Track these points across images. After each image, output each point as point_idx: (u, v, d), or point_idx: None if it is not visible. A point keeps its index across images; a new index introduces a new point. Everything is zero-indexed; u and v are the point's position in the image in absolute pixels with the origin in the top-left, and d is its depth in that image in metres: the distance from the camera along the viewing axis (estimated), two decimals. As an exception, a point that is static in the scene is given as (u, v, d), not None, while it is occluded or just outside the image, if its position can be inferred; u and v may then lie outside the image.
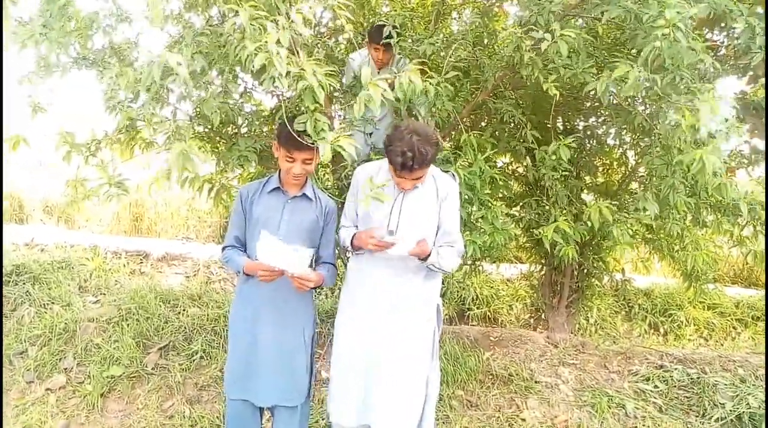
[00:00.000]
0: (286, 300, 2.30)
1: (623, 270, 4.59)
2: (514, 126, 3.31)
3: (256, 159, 2.94)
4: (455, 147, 3.12)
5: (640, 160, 3.55)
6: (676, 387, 3.55)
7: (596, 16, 2.60)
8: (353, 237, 2.36)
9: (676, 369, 3.69)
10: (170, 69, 1.91)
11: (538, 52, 2.47)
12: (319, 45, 3.23)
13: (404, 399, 2.39)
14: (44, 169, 8.16)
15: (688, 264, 3.36)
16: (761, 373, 3.61)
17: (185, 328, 3.82)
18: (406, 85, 2.17)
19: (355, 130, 2.87)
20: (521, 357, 3.82)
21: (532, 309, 5.46)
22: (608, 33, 3.24)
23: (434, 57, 3.13)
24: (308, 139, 2.10)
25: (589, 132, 3.86)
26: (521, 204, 3.69)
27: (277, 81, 1.89)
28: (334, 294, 4.40)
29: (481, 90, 3.14)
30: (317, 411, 3.14)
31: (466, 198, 2.82)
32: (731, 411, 3.25)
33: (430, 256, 2.28)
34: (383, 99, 2.06)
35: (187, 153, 1.92)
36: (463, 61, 3.06)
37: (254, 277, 2.22)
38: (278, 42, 1.84)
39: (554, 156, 2.90)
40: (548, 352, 3.93)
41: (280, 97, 3.26)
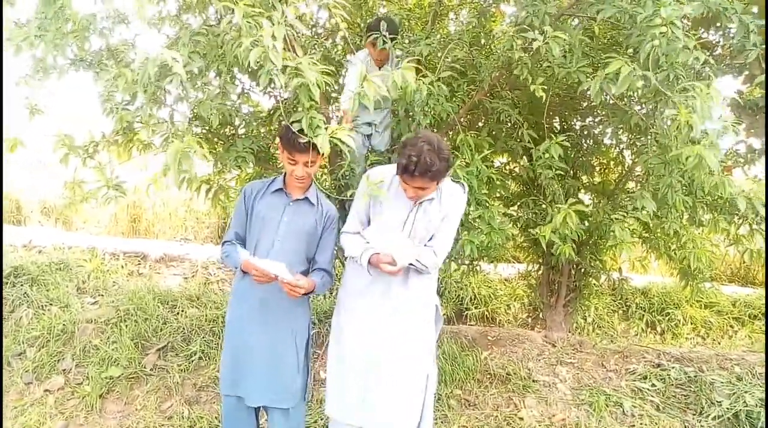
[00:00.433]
0: (279, 301, 2.30)
1: (620, 269, 4.59)
2: (511, 126, 3.32)
3: (253, 160, 2.94)
4: (452, 147, 3.12)
5: (636, 160, 3.56)
6: (673, 385, 3.56)
7: (592, 16, 2.61)
8: (371, 256, 2.29)
9: (673, 367, 3.70)
10: (167, 69, 1.91)
11: (530, 52, 2.48)
12: (316, 45, 3.23)
13: (404, 399, 2.40)
14: (44, 168, 8.14)
15: (685, 263, 3.37)
16: (758, 371, 3.62)
17: (184, 329, 3.83)
18: (399, 83, 2.18)
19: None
20: (519, 356, 3.83)
21: (529, 308, 5.47)
22: (605, 32, 3.24)
23: (431, 57, 3.13)
24: (307, 140, 2.11)
25: (585, 131, 3.88)
26: (519, 203, 3.70)
27: (273, 77, 1.89)
28: (332, 294, 4.40)
29: (477, 90, 3.15)
30: (316, 411, 3.15)
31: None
32: (728, 409, 3.26)
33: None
34: (381, 100, 2.06)
35: (185, 151, 1.92)
36: (459, 61, 3.06)
37: (250, 275, 2.23)
38: (273, 37, 1.84)
39: (546, 154, 2.91)
40: (546, 351, 3.94)
41: (277, 98, 3.27)
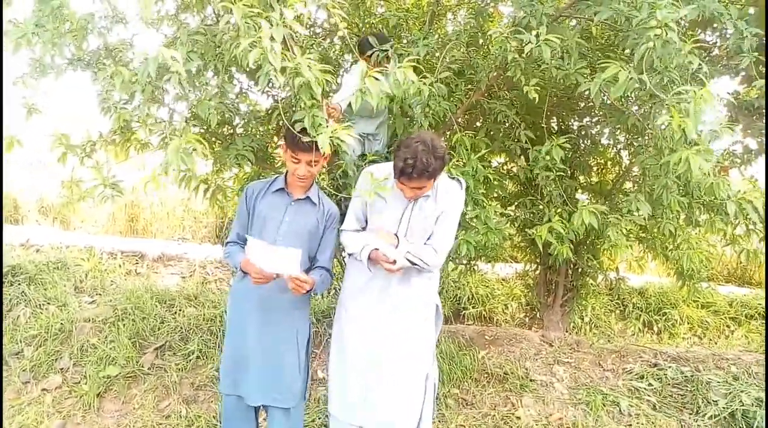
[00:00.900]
0: (280, 301, 2.31)
1: (617, 269, 4.61)
2: (508, 126, 3.33)
3: (253, 158, 2.95)
4: (449, 147, 3.13)
5: (633, 160, 3.57)
6: (670, 385, 3.58)
7: (589, 17, 2.62)
8: (371, 252, 2.30)
9: (670, 367, 3.72)
10: (166, 68, 1.91)
11: (524, 54, 2.48)
12: (314, 45, 3.24)
13: (404, 398, 2.41)
14: (42, 168, 8.11)
15: (681, 263, 3.38)
16: (754, 371, 3.63)
17: (181, 328, 3.83)
18: (401, 81, 2.18)
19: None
20: (516, 355, 3.84)
21: (527, 308, 5.48)
22: (602, 34, 3.25)
23: (429, 57, 3.14)
24: (310, 140, 2.10)
25: (583, 132, 3.89)
26: (516, 203, 3.71)
27: (272, 78, 1.90)
28: (330, 293, 4.41)
29: (474, 90, 3.16)
30: (314, 410, 3.15)
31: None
32: (724, 408, 3.28)
33: (399, 246, 2.27)
34: (375, 108, 2.07)
35: (184, 149, 1.92)
36: (457, 62, 3.07)
37: (250, 276, 2.23)
38: (272, 38, 1.85)
39: (547, 156, 2.92)
40: (543, 351, 3.95)
41: (275, 97, 3.27)
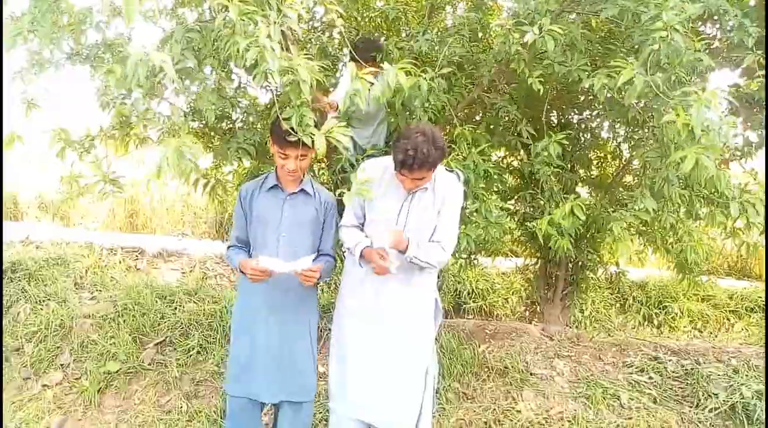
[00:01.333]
0: (287, 294, 2.31)
1: (618, 262, 4.61)
2: (508, 120, 3.32)
3: (254, 152, 2.94)
4: (449, 141, 3.12)
5: (634, 153, 3.57)
6: (670, 378, 3.58)
7: (592, 12, 2.61)
8: (363, 249, 2.30)
9: (670, 360, 3.72)
10: (160, 67, 1.90)
11: (527, 46, 2.47)
12: (312, 40, 3.22)
13: (404, 392, 2.41)
14: (42, 164, 8.09)
15: (681, 256, 3.38)
16: (754, 364, 3.64)
17: (182, 324, 3.83)
18: (393, 83, 2.17)
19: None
20: (516, 349, 3.84)
21: (527, 302, 5.48)
22: (602, 26, 3.24)
23: (428, 51, 3.12)
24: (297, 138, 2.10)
25: (583, 125, 3.87)
26: (516, 197, 3.70)
27: (269, 76, 1.89)
28: (330, 288, 4.41)
29: (475, 85, 3.14)
30: (315, 404, 3.14)
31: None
32: (725, 401, 3.28)
33: (409, 249, 2.24)
34: (368, 113, 2.06)
35: (180, 150, 1.90)
36: (457, 56, 3.05)
37: None
38: (269, 37, 1.83)
39: (545, 152, 2.91)
40: (543, 344, 3.95)
41: (273, 92, 3.26)
